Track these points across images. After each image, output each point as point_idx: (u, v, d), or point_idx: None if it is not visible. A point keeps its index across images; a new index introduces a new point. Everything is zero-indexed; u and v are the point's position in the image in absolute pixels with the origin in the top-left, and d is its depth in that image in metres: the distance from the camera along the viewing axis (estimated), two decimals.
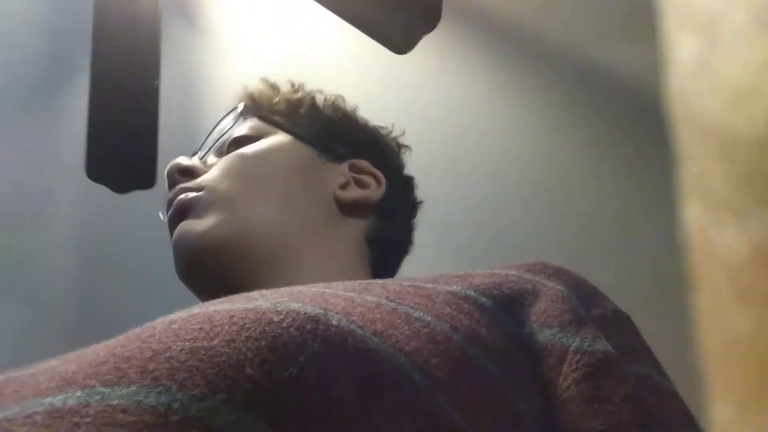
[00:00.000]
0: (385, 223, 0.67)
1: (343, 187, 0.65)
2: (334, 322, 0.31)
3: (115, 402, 0.27)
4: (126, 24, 1.08)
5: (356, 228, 0.64)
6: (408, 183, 0.73)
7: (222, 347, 0.29)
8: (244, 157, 0.62)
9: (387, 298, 0.37)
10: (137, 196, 1.10)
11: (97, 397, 0.28)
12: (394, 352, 0.32)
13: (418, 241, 0.72)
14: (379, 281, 0.43)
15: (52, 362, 0.34)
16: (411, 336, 0.34)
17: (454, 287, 0.42)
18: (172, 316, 0.33)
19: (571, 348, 0.40)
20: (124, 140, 1.17)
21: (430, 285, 0.42)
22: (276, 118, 0.67)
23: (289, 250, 0.58)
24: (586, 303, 0.44)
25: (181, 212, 0.59)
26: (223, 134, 0.66)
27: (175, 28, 1.35)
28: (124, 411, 0.26)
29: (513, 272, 0.47)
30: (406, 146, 0.75)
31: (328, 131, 0.69)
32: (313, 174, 0.64)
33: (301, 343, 0.30)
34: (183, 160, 0.64)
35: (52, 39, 1.49)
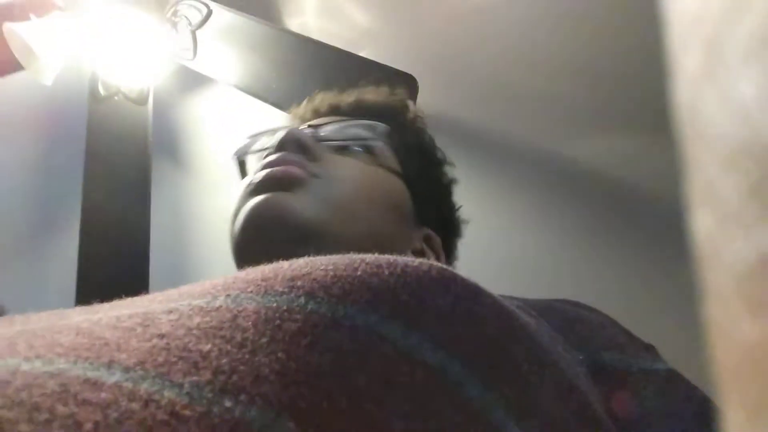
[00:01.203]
0: None
1: (416, 253, 0.64)
2: (467, 278, 0.32)
3: (274, 304, 0.26)
4: (116, 169, 1.12)
5: None
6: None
7: (368, 277, 0.29)
8: (366, 178, 0.60)
9: None
10: None
11: (250, 301, 0.26)
12: (521, 315, 0.33)
13: None
14: None
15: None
16: None
17: (513, 301, 0.42)
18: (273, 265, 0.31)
19: (634, 368, 0.41)
20: (114, 278, 1.17)
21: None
22: (404, 156, 0.66)
23: None
24: (628, 334, 0.46)
25: (282, 181, 0.55)
26: (355, 140, 0.64)
27: (164, 168, 1.40)
28: (288, 311, 0.26)
29: (553, 303, 0.48)
30: (462, 236, 0.75)
31: (432, 195, 0.69)
32: (404, 227, 0.63)
33: (445, 284, 0.30)
34: (306, 137, 0.60)
35: (40, 202, 1.53)
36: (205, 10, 1.00)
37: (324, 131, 0.64)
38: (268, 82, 0.98)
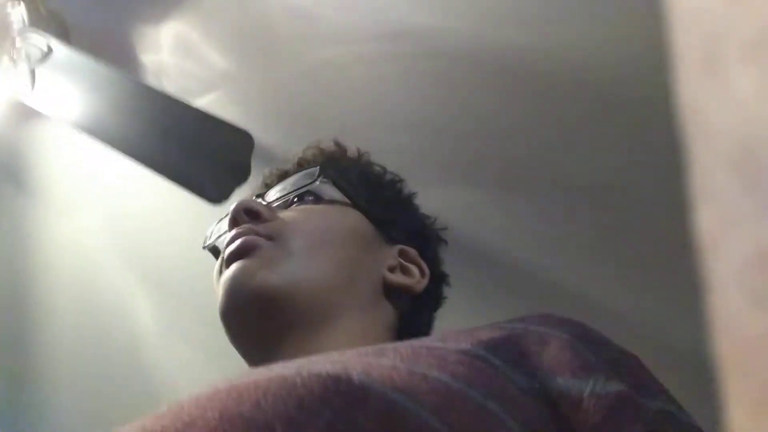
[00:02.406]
0: (417, 314, 0.69)
1: (392, 270, 0.66)
2: (356, 380, 0.34)
3: None
4: None
5: (391, 312, 0.65)
6: (443, 279, 0.75)
7: (251, 411, 0.31)
8: (317, 219, 0.65)
9: (401, 360, 0.39)
10: None
11: None
12: (416, 407, 0.34)
13: None
14: (390, 345, 0.44)
15: None
16: (430, 392, 0.35)
17: (463, 345, 0.43)
18: (196, 393, 0.35)
19: (585, 393, 0.41)
20: None
21: (440, 344, 0.43)
22: (347, 186, 0.69)
23: (333, 314, 0.59)
24: (594, 349, 0.46)
25: (245, 251, 0.60)
26: (296, 189, 0.68)
27: (4, 191, 1.37)
28: None
29: (518, 325, 0.48)
30: (445, 241, 0.78)
31: (388, 212, 0.71)
32: (370, 250, 0.66)
33: (325, 400, 0.32)
34: (252, 203, 0.65)
35: None
36: (46, 47, 0.98)
37: (269, 196, 0.68)
38: (107, 125, 0.98)
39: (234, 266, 0.60)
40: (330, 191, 0.68)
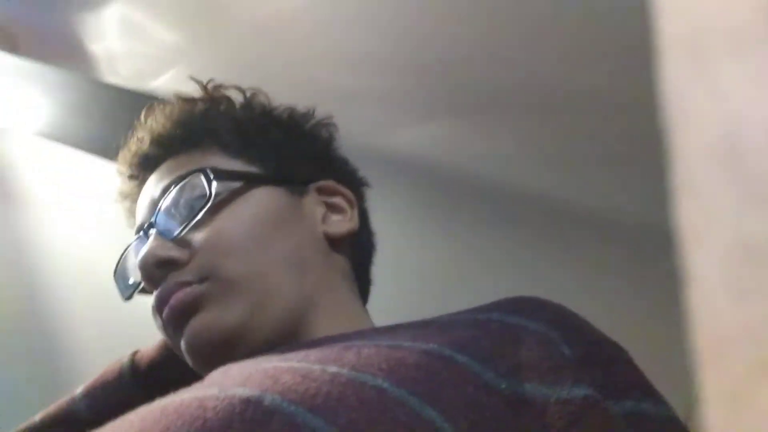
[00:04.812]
0: (363, 245, 0.64)
1: (324, 219, 0.60)
2: (266, 403, 0.36)
3: None
4: None
5: (343, 261, 0.60)
6: (364, 185, 0.66)
7: None
8: (232, 228, 0.56)
9: (351, 366, 0.40)
10: None
11: None
12: (323, 426, 0.35)
13: None
14: (358, 343, 0.43)
15: None
16: (355, 406, 0.37)
17: (430, 345, 0.43)
18: (149, 406, 0.40)
19: (552, 400, 0.41)
20: None
21: (407, 344, 0.43)
22: (235, 165, 0.59)
23: (306, 308, 0.55)
24: (570, 339, 0.45)
25: (188, 309, 0.53)
26: (186, 205, 0.57)
27: None
28: None
29: (495, 316, 0.47)
30: (335, 128, 0.67)
31: (284, 156, 0.62)
32: (296, 217, 0.59)
33: (226, 423, 0.35)
34: (158, 250, 0.55)
35: None
36: None
37: (161, 218, 0.57)
38: (65, 126, 0.96)
39: (191, 327, 0.54)
40: (225, 185, 0.57)
